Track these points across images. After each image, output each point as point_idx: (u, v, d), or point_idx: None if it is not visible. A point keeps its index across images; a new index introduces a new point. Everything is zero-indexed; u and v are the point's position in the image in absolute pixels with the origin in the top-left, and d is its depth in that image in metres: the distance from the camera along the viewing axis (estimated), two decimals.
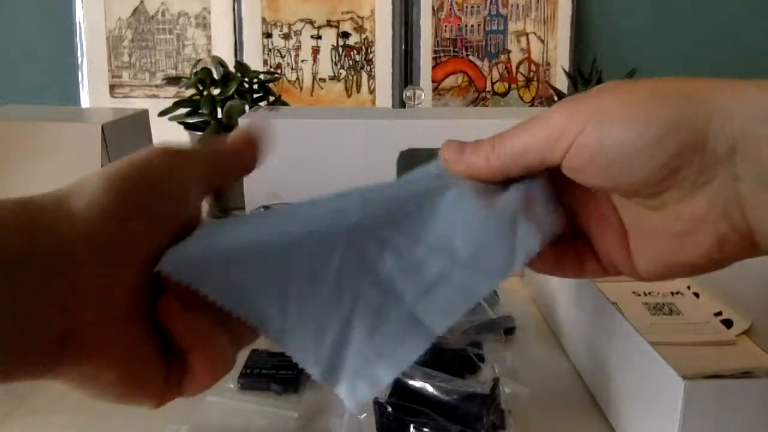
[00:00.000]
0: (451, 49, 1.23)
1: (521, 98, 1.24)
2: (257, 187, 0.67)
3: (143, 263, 0.24)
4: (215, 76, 0.89)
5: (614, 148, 0.24)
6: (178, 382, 0.26)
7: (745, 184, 0.23)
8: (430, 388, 0.44)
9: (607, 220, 0.29)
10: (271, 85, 0.95)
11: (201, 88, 0.89)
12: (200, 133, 0.85)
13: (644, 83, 0.25)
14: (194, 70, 0.89)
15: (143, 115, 0.84)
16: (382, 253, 0.27)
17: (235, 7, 1.20)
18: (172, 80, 0.97)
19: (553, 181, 0.29)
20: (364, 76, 1.23)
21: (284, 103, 0.95)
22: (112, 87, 1.23)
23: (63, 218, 0.22)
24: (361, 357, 0.26)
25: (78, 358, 0.22)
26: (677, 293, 0.68)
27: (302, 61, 1.22)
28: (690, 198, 0.24)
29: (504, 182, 0.29)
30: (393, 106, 1.22)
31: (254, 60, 1.20)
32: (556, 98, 1.04)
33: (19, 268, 0.21)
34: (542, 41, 1.22)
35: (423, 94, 0.80)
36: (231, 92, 0.86)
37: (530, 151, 0.26)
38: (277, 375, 0.51)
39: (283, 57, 1.22)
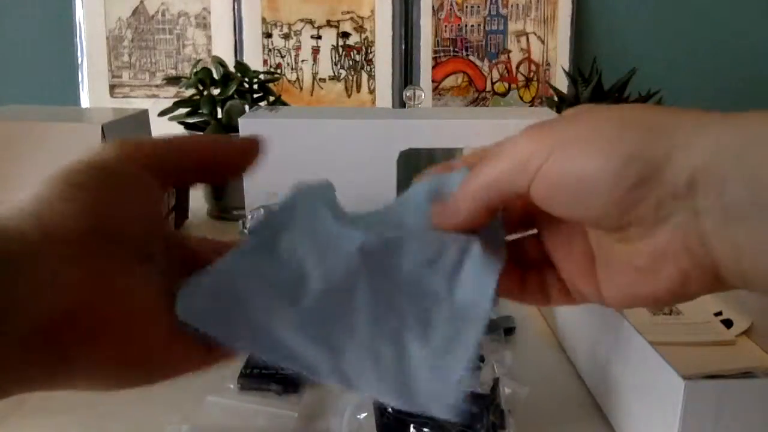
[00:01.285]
0: (451, 49, 1.23)
1: (521, 98, 1.24)
2: (257, 187, 0.67)
3: (123, 251, 0.23)
4: (215, 76, 0.89)
5: (575, 181, 0.24)
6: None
7: (708, 219, 0.22)
8: None
9: (576, 247, 0.29)
10: (271, 85, 0.95)
11: (201, 88, 0.89)
12: (200, 133, 0.85)
13: (612, 112, 0.25)
14: (194, 70, 0.89)
15: (143, 115, 0.84)
16: (399, 263, 0.28)
17: (235, 7, 1.20)
18: (172, 80, 0.97)
19: (525, 205, 0.29)
20: (364, 76, 1.23)
21: (284, 103, 0.95)
22: (112, 87, 1.23)
23: (26, 228, 0.22)
24: (427, 365, 0.26)
25: (76, 338, 0.22)
26: None
27: (302, 61, 1.23)
28: (650, 234, 0.24)
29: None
30: (393, 106, 1.22)
31: (254, 60, 1.20)
32: (556, 98, 1.04)
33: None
34: (542, 41, 1.22)
35: (423, 94, 0.80)
36: (231, 92, 0.86)
37: (497, 184, 0.26)
38: (277, 375, 0.51)
39: (283, 57, 1.22)
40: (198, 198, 0.90)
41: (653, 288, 0.25)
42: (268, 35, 1.22)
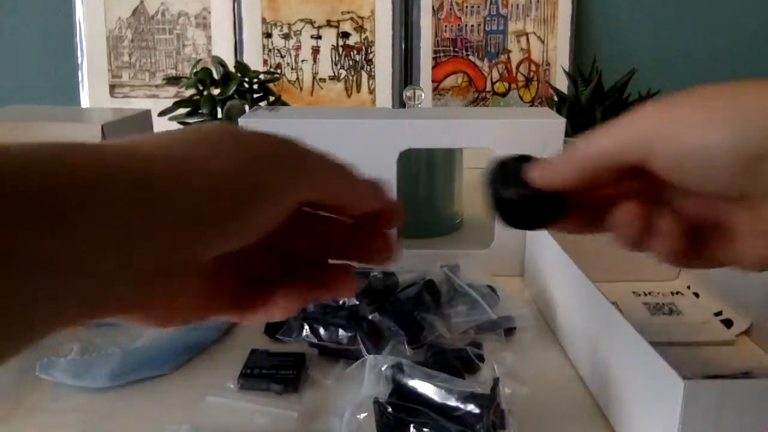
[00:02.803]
0: (451, 49, 1.23)
1: (521, 98, 1.24)
2: None
3: (214, 251, 0.24)
4: (215, 76, 0.89)
5: (700, 152, 0.25)
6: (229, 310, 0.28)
7: None
8: (430, 388, 0.44)
9: (707, 214, 0.30)
10: (271, 85, 0.95)
11: (201, 88, 0.89)
12: None
13: (732, 89, 0.26)
14: (194, 70, 0.89)
15: (145, 115, 0.84)
16: None
17: (235, 7, 1.20)
18: (172, 80, 0.97)
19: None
20: (364, 76, 1.23)
21: (284, 103, 0.95)
22: (112, 87, 1.23)
23: (193, 180, 0.23)
24: None
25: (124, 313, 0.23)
26: (677, 293, 0.68)
27: (302, 61, 1.23)
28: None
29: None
30: (393, 106, 1.22)
31: (254, 60, 1.20)
32: (555, 98, 1.04)
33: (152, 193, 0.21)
34: (542, 41, 1.22)
35: (423, 94, 0.80)
36: (231, 92, 0.86)
37: (618, 150, 0.27)
38: (277, 375, 0.51)
39: (283, 57, 1.22)
40: None
41: None
42: (268, 35, 1.22)
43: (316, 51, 1.22)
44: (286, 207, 0.25)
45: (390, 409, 0.43)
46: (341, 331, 0.54)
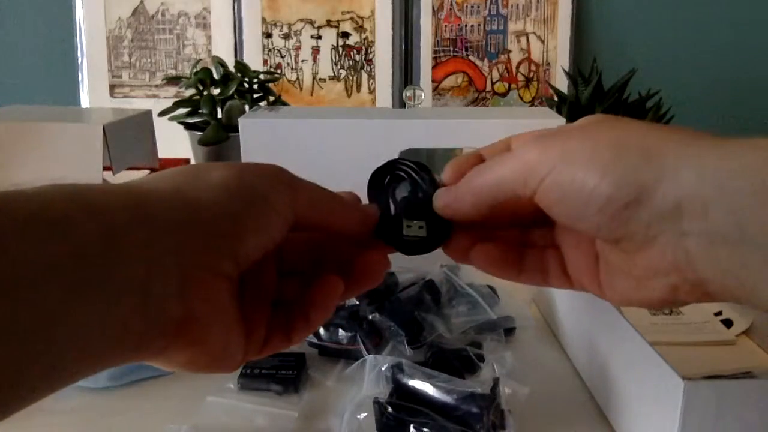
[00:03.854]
0: (451, 49, 1.23)
1: (521, 98, 1.24)
2: None
3: (239, 261, 0.26)
4: (215, 76, 0.89)
5: (574, 195, 0.26)
6: (260, 347, 0.29)
7: (693, 241, 0.24)
8: (430, 388, 0.44)
9: (584, 246, 0.31)
10: (271, 85, 0.95)
11: (201, 88, 0.89)
12: (200, 133, 0.85)
13: (613, 129, 0.27)
14: (194, 70, 0.89)
15: (146, 115, 0.84)
16: None
17: (235, 7, 1.20)
18: (172, 80, 0.97)
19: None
20: (364, 76, 1.23)
21: (284, 103, 0.95)
22: (112, 87, 1.23)
23: (180, 207, 0.24)
24: None
25: (187, 344, 0.24)
26: None
27: (302, 61, 1.22)
28: (643, 249, 0.26)
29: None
30: (393, 106, 1.22)
31: (254, 60, 1.20)
32: (555, 98, 1.04)
33: (137, 249, 0.22)
34: (542, 41, 1.22)
35: (423, 94, 0.80)
36: (231, 92, 0.86)
37: (503, 186, 0.28)
38: (277, 375, 0.51)
39: (283, 57, 1.22)
40: None
41: (648, 295, 0.28)
42: (268, 35, 1.22)
43: (316, 51, 1.22)
44: (285, 217, 0.27)
45: (390, 409, 0.43)
46: (341, 331, 0.54)
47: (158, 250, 0.22)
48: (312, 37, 1.22)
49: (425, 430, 0.41)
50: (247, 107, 0.86)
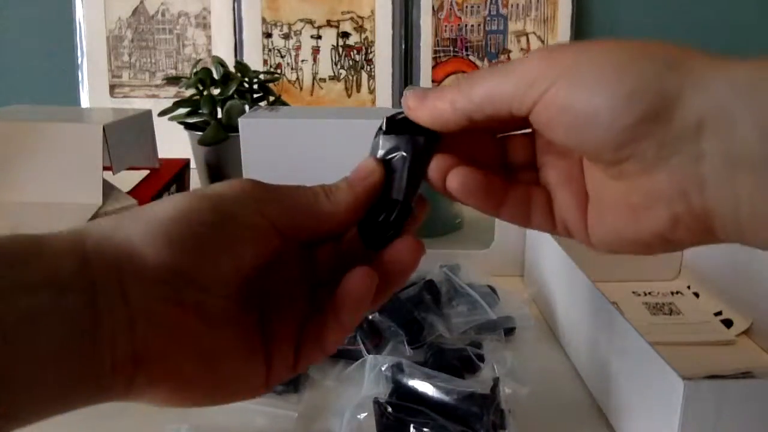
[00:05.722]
0: (451, 49, 1.23)
1: None
2: None
3: (207, 286, 0.24)
4: (215, 76, 0.89)
5: (579, 109, 0.23)
6: (291, 363, 0.27)
7: (710, 164, 0.22)
8: (430, 388, 0.44)
9: (573, 182, 0.28)
10: (271, 85, 0.94)
11: (201, 88, 0.89)
12: (200, 133, 0.85)
13: (629, 44, 0.23)
14: (194, 70, 0.89)
15: (146, 115, 0.84)
16: None
17: (235, 7, 1.20)
18: (172, 80, 0.96)
19: (531, 132, 0.29)
20: (364, 76, 1.23)
21: (284, 103, 0.95)
22: (112, 87, 1.23)
23: (120, 246, 0.23)
24: None
25: (151, 378, 0.23)
26: (677, 293, 0.68)
27: (302, 61, 1.22)
28: (649, 172, 0.23)
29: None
30: (393, 106, 1.22)
31: (254, 60, 1.20)
32: None
33: (76, 295, 0.21)
34: (542, 41, 1.22)
35: None
36: (231, 92, 0.86)
37: (498, 99, 0.25)
38: None
39: (283, 57, 1.22)
40: None
41: (642, 230, 0.25)
42: (268, 35, 1.22)
43: (316, 51, 1.22)
44: (260, 230, 0.26)
45: (390, 409, 0.43)
46: None
47: (105, 289, 0.22)
48: (312, 37, 1.22)
49: (425, 430, 0.41)
50: (247, 107, 0.86)
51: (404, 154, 0.29)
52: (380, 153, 0.30)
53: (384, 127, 0.30)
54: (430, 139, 0.29)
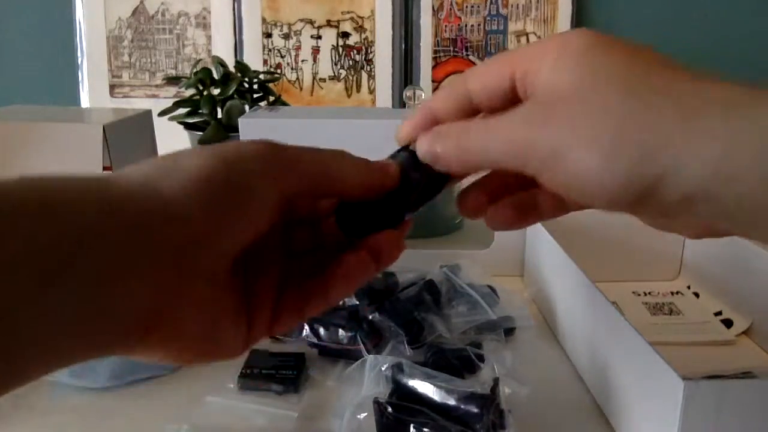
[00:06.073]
0: (451, 49, 1.23)
1: None
2: None
3: (220, 255, 0.25)
4: (215, 76, 0.89)
5: (586, 185, 0.24)
6: (268, 326, 0.28)
7: (712, 217, 0.24)
8: (430, 388, 0.44)
9: None
10: (271, 85, 0.94)
11: (201, 88, 0.89)
12: (200, 133, 0.85)
13: (612, 107, 0.24)
14: (194, 70, 0.89)
15: (146, 115, 0.84)
16: None
17: (235, 7, 1.20)
18: (172, 80, 0.97)
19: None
20: (364, 76, 1.23)
21: (284, 103, 0.95)
22: (112, 87, 1.23)
23: (150, 197, 0.23)
24: None
25: (161, 336, 0.24)
26: (677, 293, 0.68)
27: (302, 61, 1.22)
28: (661, 220, 0.27)
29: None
30: (393, 106, 1.22)
31: (254, 60, 1.20)
32: None
33: (100, 240, 0.21)
34: None
35: (423, 94, 0.80)
36: (231, 92, 0.86)
37: (499, 163, 0.26)
38: (277, 375, 0.51)
39: (283, 57, 1.22)
40: None
41: (672, 230, 0.29)
42: (268, 35, 1.22)
43: (316, 51, 1.22)
44: (271, 204, 0.26)
45: (390, 409, 0.43)
46: (341, 331, 0.54)
47: (126, 249, 0.22)
48: (312, 37, 1.22)
49: (425, 430, 0.41)
50: (247, 107, 0.86)
51: (419, 179, 0.30)
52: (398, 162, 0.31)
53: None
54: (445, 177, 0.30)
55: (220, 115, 0.87)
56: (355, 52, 1.22)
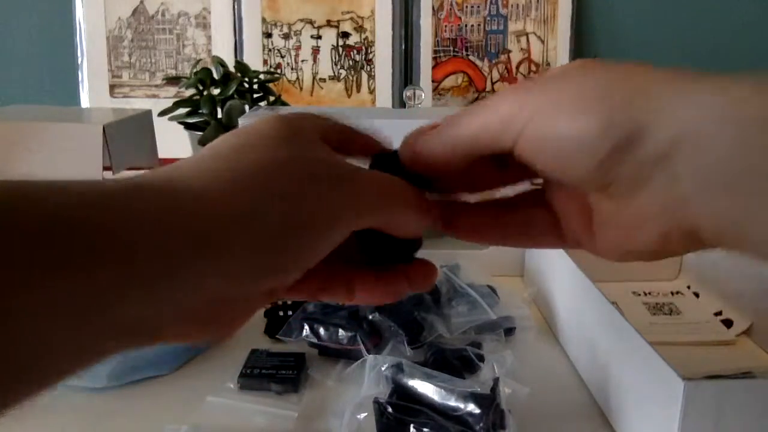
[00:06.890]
0: (451, 49, 1.23)
1: None
2: None
3: (286, 278, 0.24)
4: (215, 76, 0.89)
5: (556, 144, 0.24)
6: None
7: (686, 185, 0.23)
8: (430, 388, 0.44)
9: (578, 200, 0.29)
10: (271, 85, 0.95)
11: (201, 88, 0.89)
12: (200, 133, 0.85)
13: (597, 73, 0.24)
14: (194, 70, 0.89)
15: (146, 115, 0.84)
16: None
17: (235, 7, 1.20)
18: (172, 80, 0.97)
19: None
20: (364, 76, 1.23)
21: (284, 103, 0.95)
22: (112, 87, 1.23)
23: (216, 219, 0.22)
24: None
25: (197, 334, 0.23)
26: (677, 293, 0.68)
27: (302, 61, 1.22)
28: (632, 195, 0.24)
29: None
30: (393, 106, 1.22)
31: (254, 60, 1.20)
32: None
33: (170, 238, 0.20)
34: (542, 41, 1.22)
35: (423, 94, 0.80)
36: (231, 92, 0.86)
37: (477, 141, 0.26)
38: (277, 375, 0.51)
39: (283, 57, 1.22)
40: None
41: (637, 245, 0.26)
42: (268, 35, 1.22)
43: (316, 51, 1.22)
44: (347, 223, 0.25)
45: (390, 409, 0.43)
46: (341, 331, 0.54)
47: (187, 270, 0.20)
48: (312, 37, 1.22)
49: (425, 430, 0.41)
50: (247, 107, 0.86)
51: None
52: None
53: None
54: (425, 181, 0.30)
55: (220, 115, 0.87)
56: (355, 52, 1.22)
